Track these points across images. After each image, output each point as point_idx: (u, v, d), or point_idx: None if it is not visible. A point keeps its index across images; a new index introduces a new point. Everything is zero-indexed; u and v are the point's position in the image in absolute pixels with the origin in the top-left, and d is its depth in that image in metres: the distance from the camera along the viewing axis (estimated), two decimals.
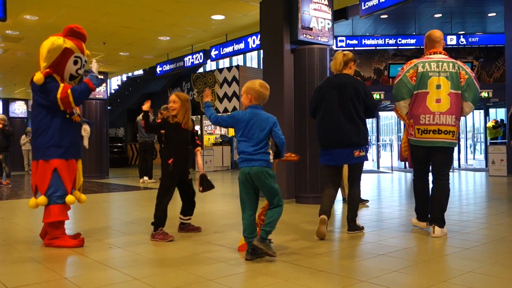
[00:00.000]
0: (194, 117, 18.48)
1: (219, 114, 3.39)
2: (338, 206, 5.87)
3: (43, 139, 3.63)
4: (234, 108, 16.34)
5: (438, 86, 3.76)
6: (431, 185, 4.01)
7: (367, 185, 8.83)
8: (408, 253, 3.30)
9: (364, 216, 4.91)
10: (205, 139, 18.34)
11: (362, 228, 4.11)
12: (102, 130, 12.59)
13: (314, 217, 4.61)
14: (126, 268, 3.00)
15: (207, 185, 4.10)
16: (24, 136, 16.46)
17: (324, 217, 3.78)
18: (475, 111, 17.63)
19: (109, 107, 17.13)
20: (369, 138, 4.00)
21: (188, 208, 4.15)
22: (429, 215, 4.00)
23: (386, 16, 15.71)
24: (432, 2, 14.71)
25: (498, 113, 18.65)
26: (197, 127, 16.72)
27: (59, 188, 3.61)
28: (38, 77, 3.59)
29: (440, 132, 3.74)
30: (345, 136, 3.85)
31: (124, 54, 11.55)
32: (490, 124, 14.59)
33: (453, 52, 17.38)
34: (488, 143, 13.59)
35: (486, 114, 17.13)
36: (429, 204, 3.98)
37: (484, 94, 13.92)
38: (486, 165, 13.33)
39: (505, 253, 3.24)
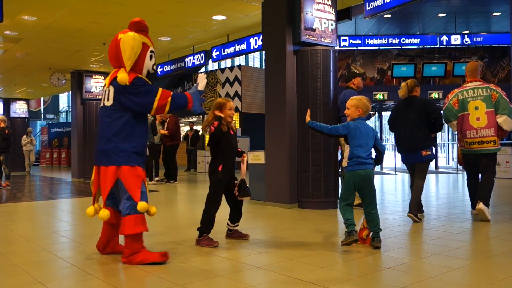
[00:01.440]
0: (195, 118, 18.39)
1: (332, 126, 3.85)
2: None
3: (128, 144, 3.33)
4: (236, 109, 16.20)
5: (476, 108, 4.93)
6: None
7: None
8: (409, 269, 3.18)
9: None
10: (206, 139, 18.24)
11: (420, 213, 5.01)
12: None
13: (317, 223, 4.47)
14: (124, 283, 2.88)
15: (244, 191, 4.00)
16: (25, 136, 16.40)
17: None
18: None
19: None
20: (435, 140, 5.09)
21: (235, 215, 4.06)
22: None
23: (389, 15, 15.56)
24: (436, 2, 14.54)
25: None
26: (198, 127, 16.62)
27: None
28: (126, 78, 3.29)
29: (482, 142, 4.91)
30: (413, 143, 4.93)
31: None
32: None
33: (457, 52, 17.23)
34: None
35: None
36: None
37: None
38: None
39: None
